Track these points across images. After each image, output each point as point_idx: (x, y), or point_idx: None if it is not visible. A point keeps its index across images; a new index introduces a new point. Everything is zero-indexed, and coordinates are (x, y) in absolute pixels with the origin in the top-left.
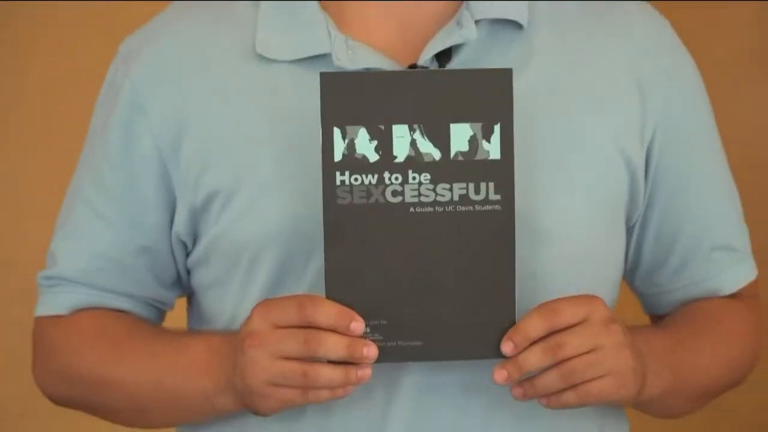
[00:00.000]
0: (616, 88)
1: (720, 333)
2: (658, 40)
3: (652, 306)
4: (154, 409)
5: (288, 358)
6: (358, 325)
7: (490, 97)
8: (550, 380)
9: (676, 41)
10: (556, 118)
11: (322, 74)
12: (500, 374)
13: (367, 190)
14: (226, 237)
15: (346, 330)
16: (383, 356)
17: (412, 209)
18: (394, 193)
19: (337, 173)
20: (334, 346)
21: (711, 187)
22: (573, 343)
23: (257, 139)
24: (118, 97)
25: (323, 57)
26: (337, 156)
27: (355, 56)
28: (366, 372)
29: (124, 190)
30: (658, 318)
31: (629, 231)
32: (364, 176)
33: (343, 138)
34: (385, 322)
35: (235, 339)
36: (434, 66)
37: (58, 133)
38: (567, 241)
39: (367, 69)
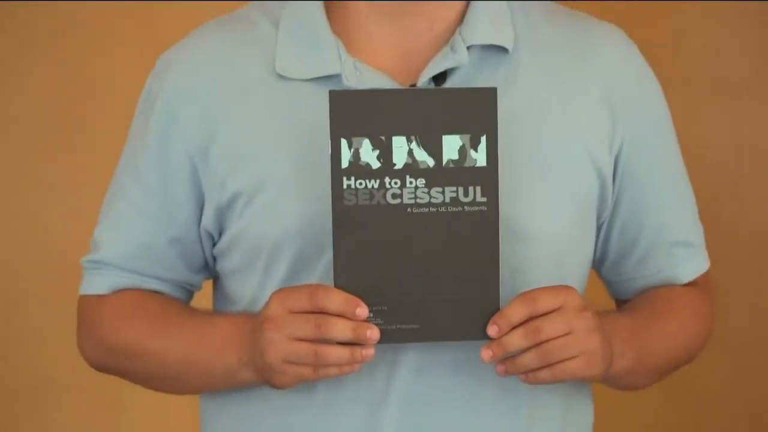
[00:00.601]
0: (589, 105)
1: (676, 317)
2: (627, 63)
3: (617, 292)
4: (182, 379)
5: (301, 340)
6: (363, 310)
7: (477, 112)
8: (529, 359)
9: (643, 63)
10: (537, 131)
11: (330, 92)
12: (486, 353)
13: (370, 193)
14: (248, 232)
15: (352, 315)
16: (384, 338)
17: (409, 210)
18: (394, 196)
19: (344, 178)
20: (341, 329)
21: (670, 191)
22: (550, 327)
23: (276, 148)
24: (154, 107)
25: (334, 77)
26: (344, 163)
27: (362, 77)
28: (369, 351)
29: (160, 188)
30: (622, 302)
31: (598, 228)
32: (367, 181)
33: (349, 148)
34: (386, 308)
35: (255, 321)
36: (431, 87)
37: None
38: (544, 239)
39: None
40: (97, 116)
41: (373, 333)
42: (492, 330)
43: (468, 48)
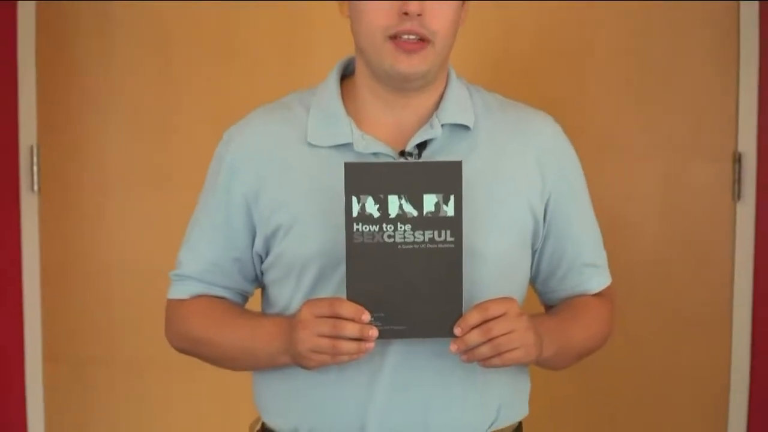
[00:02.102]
0: (527, 168)
1: (588, 318)
2: (554, 139)
3: (546, 300)
4: (238, 361)
5: (323, 336)
6: (366, 316)
7: (447, 178)
8: (484, 350)
9: (565, 139)
10: (491, 187)
11: (345, 164)
12: (453, 347)
13: (372, 234)
14: (285, 254)
15: (359, 319)
16: (381, 335)
17: (399, 246)
18: (389, 237)
19: (354, 224)
20: (352, 329)
21: (583, 228)
22: (498, 328)
23: (306, 197)
24: (221, 166)
25: (348, 144)
26: (354, 213)
27: (367, 144)
28: (371, 345)
29: (225, 222)
30: (549, 308)
31: (533, 254)
32: (370, 226)
33: (358, 202)
34: (383, 314)
35: (291, 322)
36: (416, 151)
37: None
38: (494, 262)
39: (375, 153)
40: (183, 168)
41: (374, 332)
42: (457, 330)
43: (442, 125)
